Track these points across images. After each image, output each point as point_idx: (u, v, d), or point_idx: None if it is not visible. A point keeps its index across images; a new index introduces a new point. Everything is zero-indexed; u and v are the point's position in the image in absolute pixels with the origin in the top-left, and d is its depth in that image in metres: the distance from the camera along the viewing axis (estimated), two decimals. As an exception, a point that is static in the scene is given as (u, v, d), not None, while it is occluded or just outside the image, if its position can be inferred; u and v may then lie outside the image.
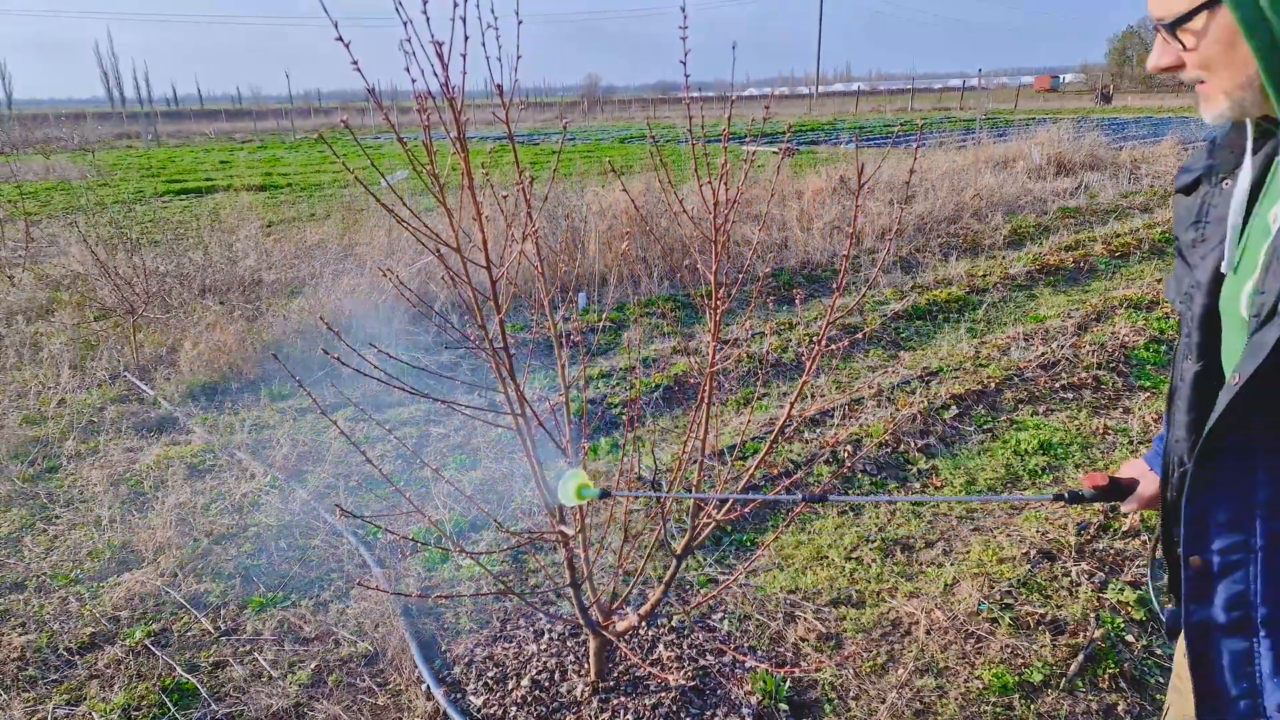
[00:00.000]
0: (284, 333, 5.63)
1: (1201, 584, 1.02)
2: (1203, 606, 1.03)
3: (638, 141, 25.35)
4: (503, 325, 1.89)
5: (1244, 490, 0.98)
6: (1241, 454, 0.97)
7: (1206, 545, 1.01)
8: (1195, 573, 1.02)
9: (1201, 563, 1.01)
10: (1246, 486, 0.97)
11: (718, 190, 1.89)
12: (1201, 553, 1.01)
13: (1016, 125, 20.12)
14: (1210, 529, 1.00)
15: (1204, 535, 1.01)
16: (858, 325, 5.94)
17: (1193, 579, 1.02)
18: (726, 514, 2.16)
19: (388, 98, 1.94)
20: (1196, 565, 1.02)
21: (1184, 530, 1.03)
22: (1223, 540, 1.00)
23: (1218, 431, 0.98)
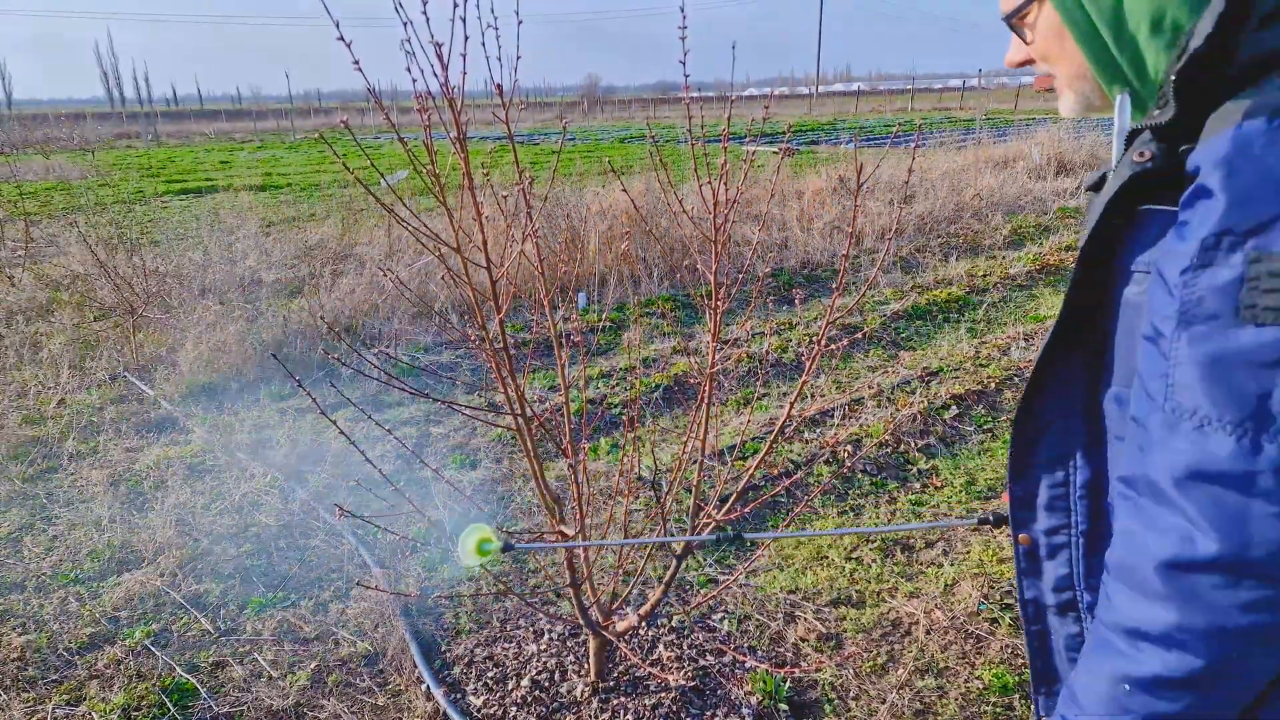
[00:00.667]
0: (284, 333, 5.63)
1: (1031, 563, 1.01)
2: (1033, 585, 1.02)
3: (638, 141, 25.35)
4: (503, 325, 1.89)
5: (1063, 467, 0.97)
6: (1063, 435, 0.96)
7: (1032, 523, 1.00)
8: (1025, 550, 1.01)
9: (1030, 541, 1.01)
10: (1064, 467, 0.96)
11: (718, 190, 1.89)
12: (1029, 530, 1.01)
13: (1017, 125, 20.12)
14: (1035, 507, 0.99)
15: (1029, 513, 1.00)
16: (858, 325, 5.94)
17: (1024, 556, 1.02)
18: (726, 514, 2.16)
19: (388, 98, 1.93)
20: (1025, 544, 1.01)
21: (1010, 506, 1.02)
22: (1047, 520, 0.99)
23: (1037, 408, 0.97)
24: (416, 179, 1.83)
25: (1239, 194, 0.69)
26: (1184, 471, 0.71)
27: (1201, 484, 0.70)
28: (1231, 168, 0.70)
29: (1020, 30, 0.96)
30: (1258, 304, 0.67)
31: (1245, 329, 0.68)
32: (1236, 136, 0.70)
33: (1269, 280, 0.66)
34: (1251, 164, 0.69)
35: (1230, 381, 0.69)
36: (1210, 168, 0.72)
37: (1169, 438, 0.73)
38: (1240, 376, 0.68)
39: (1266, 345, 0.67)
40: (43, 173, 17.54)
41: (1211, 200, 0.71)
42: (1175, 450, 0.72)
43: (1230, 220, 0.69)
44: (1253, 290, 0.67)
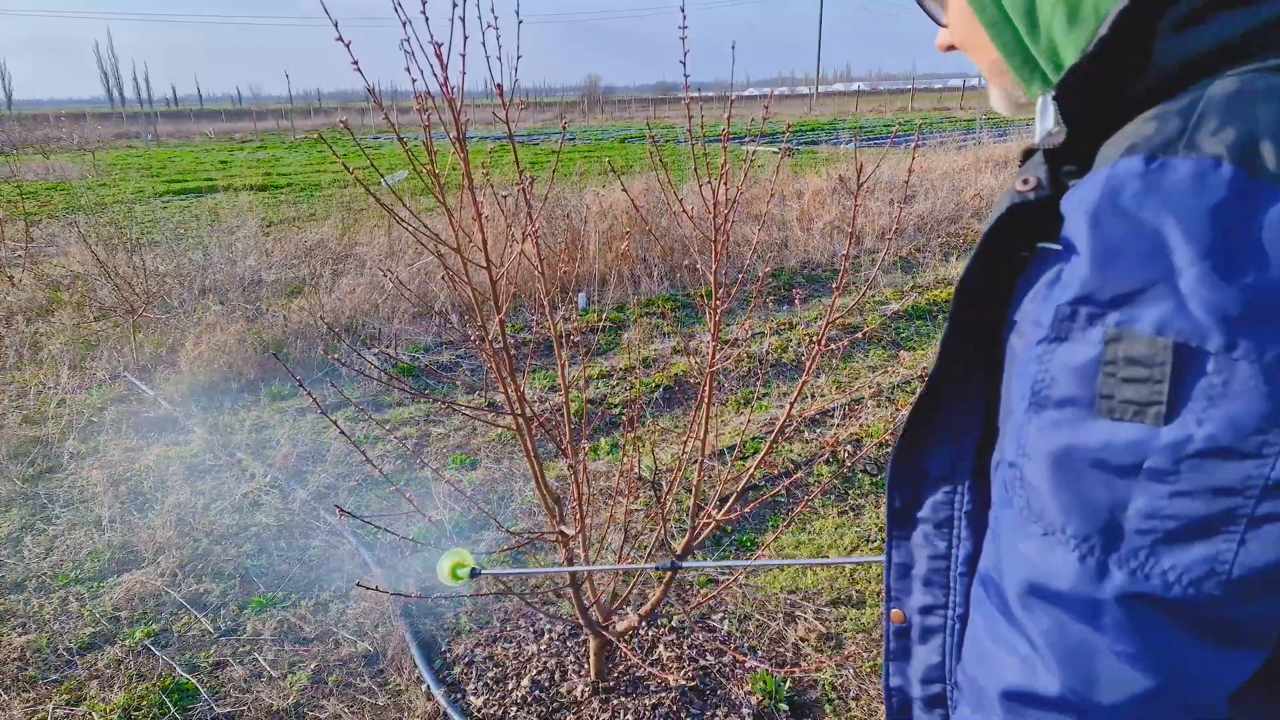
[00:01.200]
0: (284, 333, 5.63)
1: (901, 644, 0.85)
2: (900, 671, 0.86)
3: (638, 141, 25.34)
4: (503, 325, 1.89)
5: (945, 536, 0.80)
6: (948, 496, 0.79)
7: (906, 597, 0.84)
8: (896, 629, 0.85)
9: (903, 618, 0.84)
10: (945, 536, 0.80)
11: (718, 190, 1.89)
12: (903, 605, 0.84)
13: (1017, 125, 20.11)
14: (911, 578, 0.83)
15: (905, 584, 0.83)
16: (858, 325, 5.94)
17: (894, 635, 0.86)
18: (726, 514, 2.16)
19: (388, 98, 1.94)
20: (898, 621, 0.84)
21: (885, 572, 0.86)
22: (924, 597, 0.82)
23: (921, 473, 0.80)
24: (416, 179, 1.83)
25: (1102, 255, 0.54)
26: (1026, 585, 0.58)
27: (1044, 604, 0.57)
28: (1096, 220, 0.54)
29: (932, 11, 0.80)
30: (1115, 395, 0.53)
31: (1100, 423, 0.53)
32: (1108, 180, 0.55)
33: (1128, 367, 0.52)
34: (1119, 218, 0.53)
35: (1079, 486, 0.55)
36: (1076, 216, 0.57)
37: (1016, 539, 0.60)
38: (1091, 481, 0.54)
39: (1122, 447, 0.52)
40: (43, 173, 17.54)
41: (1074, 258, 0.56)
42: (1021, 557, 0.59)
43: (1090, 286, 0.54)
44: (1110, 377, 0.53)
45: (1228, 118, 0.53)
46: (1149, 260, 0.51)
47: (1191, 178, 0.51)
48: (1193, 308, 0.50)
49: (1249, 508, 0.49)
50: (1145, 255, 0.52)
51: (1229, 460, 0.49)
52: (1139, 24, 0.59)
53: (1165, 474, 0.51)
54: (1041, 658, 0.57)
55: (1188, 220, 0.50)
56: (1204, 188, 0.50)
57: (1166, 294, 0.50)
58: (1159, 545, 0.52)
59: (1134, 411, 0.52)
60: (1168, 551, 0.52)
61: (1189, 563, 0.51)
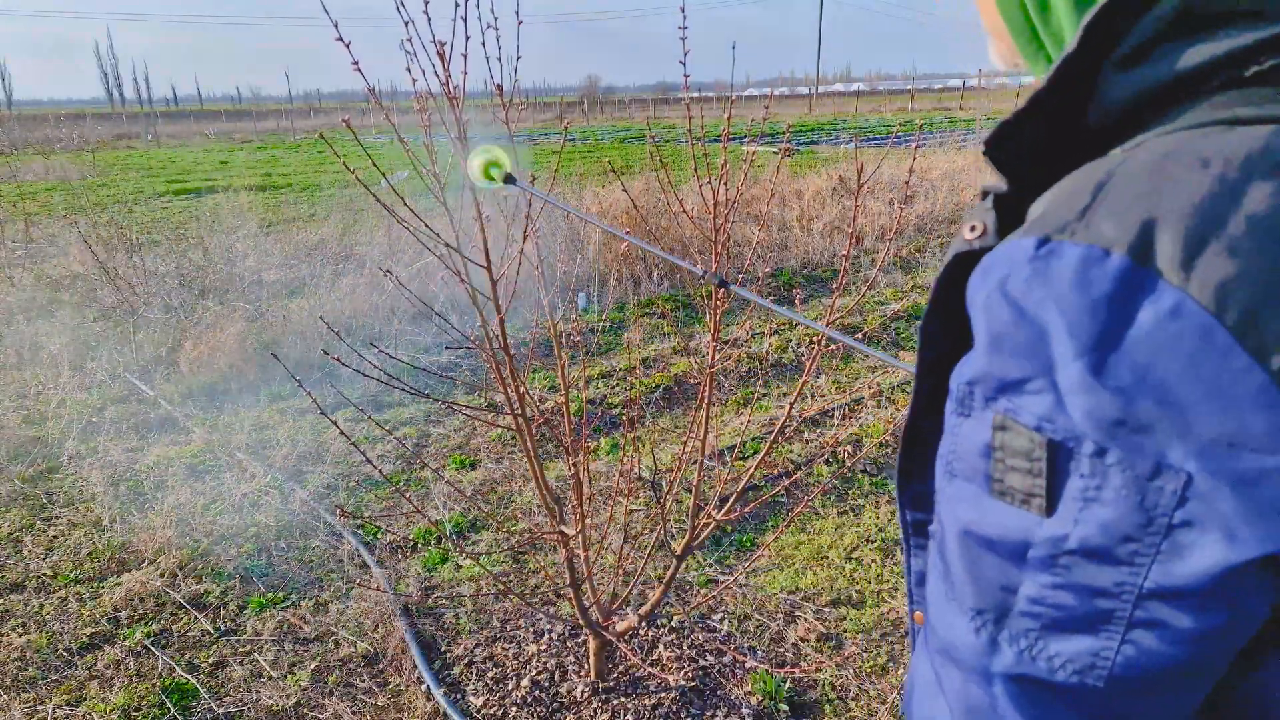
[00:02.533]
0: (284, 333, 5.63)
1: None
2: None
3: (638, 142, 25.35)
4: (502, 326, 1.89)
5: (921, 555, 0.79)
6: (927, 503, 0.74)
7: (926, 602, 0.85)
8: (920, 630, 0.85)
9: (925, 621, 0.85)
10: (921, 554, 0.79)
11: (718, 190, 1.90)
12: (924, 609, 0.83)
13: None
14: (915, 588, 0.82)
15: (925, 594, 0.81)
16: (858, 325, 5.94)
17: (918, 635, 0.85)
18: (726, 514, 2.16)
19: (388, 98, 1.94)
20: (921, 624, 0.83)
21: (907, 579, 0.85)
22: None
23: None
24: (416, 179, 1.83)
25: (991, 340, 0.51)
26: (940, 644, 0.59)
27: (952, 666, 0.57)
28: (988, 304, 0.52)
29: None
30: (1005, 480, 0.51)
31: (995, 504, 0.52)
32: (1002, 261, 0.52)
33: (1014, 456, 0.51)
34: (1007, 305, 0.50)
35: (976, 561, 0.54)
36: (974, 293, 0.54)
37: (936, 598, 0.60)
38: (986, 559, 0.54)
39: (1013, 530, 0.51)
40: (43, 173, 17.53)
41: (975, 332, 0.53)
42: (940, 617, 0.59)
43: (982, 369, 0.52)
44: (999, 463, 0.52)
45: (1137, 195, 0.48)
46: (1032, 352, 0.49)
47: (1078, 267, 0.47)
48: (1070, 408, 0.47)
49: (1126, 611, 0.48)
50: (1029, 347, 0.49)
51: (1104, 563, 0.48)
52: (1087, 65, 0.54)
53: (1048, 565, 0.50)
54: (953, 714, 0.58)
55: (1069, 315, 0.47)
56: (1089, 279, 0.47)
57: (1047, 389, 0.48)
58: (1046, 631, 0.51)
59: (1020, 499, 0.51)
60: (1054, 638, 0.51)
61: (1073, 653, 0.50)
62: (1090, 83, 0.55)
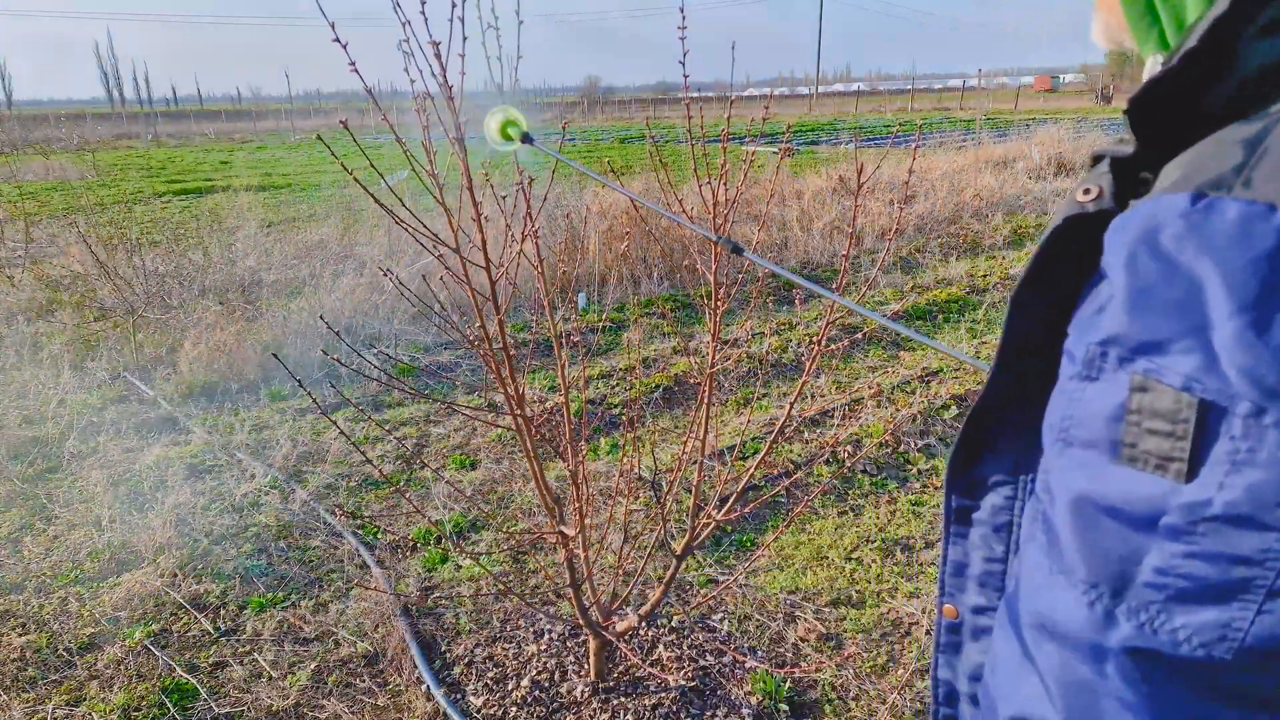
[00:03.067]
0: (284, 333, 5.63)
1: (952, 639, 0.85)
2: (949, 665, 0.85)
3: (638, 142, 25.34)
4: (502, 326, 1.89)
5: (1002, 541, 0.78)
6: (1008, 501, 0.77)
7: (961, 594, 0.82)
8: (948, 624, 0.84)
9: (955, 614, 0.83)
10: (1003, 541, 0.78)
11: (717, 190, 1.89)
12: (956, 602, 0.83)
13: (1016, 125, 20.12)
14: (966, 577, 0.82)
15: (961, 581, 0.82)
16: (858, 325, 5.94)
17: (945, 630, 0.85)
18: (726, 514, 2.16)
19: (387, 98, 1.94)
20: (950, 617, 0.84)
21: (941, 568, 0.85)
22: (978, 597, 0.80)
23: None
24: (416, 179, 1.83)
25: (1135, 297, 0.51)
26: (1038, 619, 0.58)
27: (1053, 641, 0.56)
28: (1133, 259, 0.51)
29: None
30: (1138, 444, 0.50)
31: (1121, 471, 0.51)
32: (1149, 216, 0.51)
33: (1152, 418, 0.49)
34: (1156, 260, 0.50)
35: (1094, 532, 0.53)
36: (1115, 250, 0.53)
37: (1035, 572, 0.59)
38: (1106, 529, 0.52)
39: (1141, 498, 0.50)
40: (43, 173, 17.53)
41: (1111, 295, 0.53)
42: (1037, 591, 0.58)
43: (1121, 328, 0.51)
44: (1134, 426, 0.50)
45: None
46: (1183, 310, 0.48)
47: (1239, 223, 0.47)
48: (1224, 366, 0.46)
49: (1268, 580, 0.46)
50: (1179, 304, 0.48)
51: (1249, 530, 0.46)
52: (1228, 32, 0.54)
53: (1182, 533, 0.49)
54: (1048, 692, 0.56)
55: (1229, 270, 0.46)
56: (1251, 235, 0.46)
57: (1197, 348, 0.47)
58: (1170, 603, 0.50)
59: (1155, 464, 0.49)
60: (1179, 610, 0.49)
61: (1200, 625, 0.49)
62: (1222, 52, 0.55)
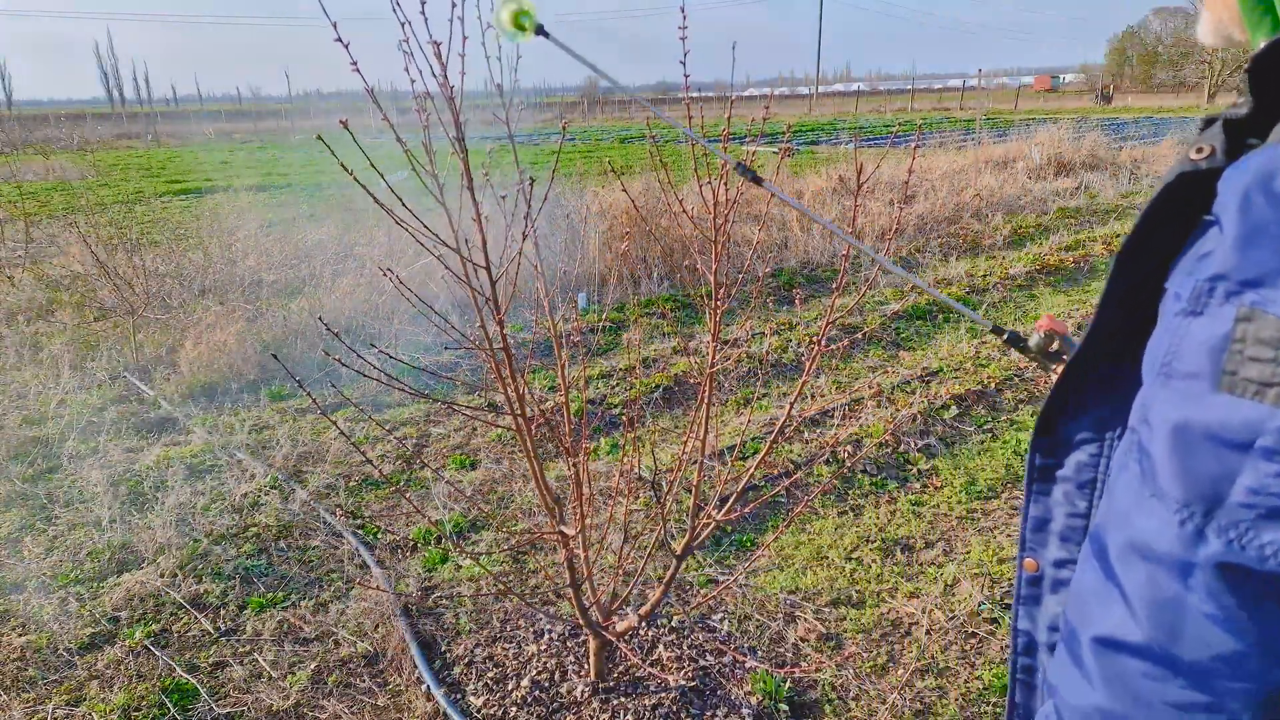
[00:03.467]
0: (284, 333, 5.63)
1: (1032, 591, 0.90)
2: (1029, 616, 0.91)
3: (638, 142, 25.35)
4: (502, 326, 1.89)
5: (1086, 497, 0.83)
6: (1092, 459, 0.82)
7: (1042, 549, 0.87)
8: (1029, 577, 0.90)
9: (1036, 568, 0.88)
10: (1086, 497, 0.83)
11: (718, 190, 1.89)
12: (1038, 556, 0.88)
13: (1016, 125, 20.11)
14: (1048, 532, 0.87)
15: (1042, 536, 0.87)
16: (858, 325, 5.94)
17: (1025, 582, 0.90)
18: (726, 514, 2.16)
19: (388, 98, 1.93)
20: (1031, 570, 0.89)
21: (1023, 524, 0.90)
22: (1059, 550, 0.86)
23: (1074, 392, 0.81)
24: (416, 179, 1.83)
25: (1247, 234, 0.56)
26: (1127, 542, 0.63)
27: (1141, 561, 0.61)
28: (1246, 199, 0.56)
29: None
30: (1238, 372, 0.55)
31: (1220, 398, 0.56)
32: (1265, 161, 0.56)
33: (1255, 346, 0.54)
34: (1269, 201, 0.55)
35: (1191, 455, 0.58)
36: (1228, 193, 0.59)
37: (1126, 500, 0.63)
38: (1203, 452, 0.57)
39: (1238, 423, 0.54)
40: (43, 173, 17.53)
41: (1221, 235, 0.59)
42: (1126, 516, 0.63)
43: (1231, 264, 0.57)
44: (1236, 355, 0.55)
45: None
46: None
47: None
48: None
49: None
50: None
51: None
52: None
53: (1276, 454, 0.53)
54: (1132, 610, 0.61)
55: None
56: None
57: None
58: (1260, 520, 0.54)
59: (1254, 390, 0.54)
60: (1268, 527, 0.54)
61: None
62: None
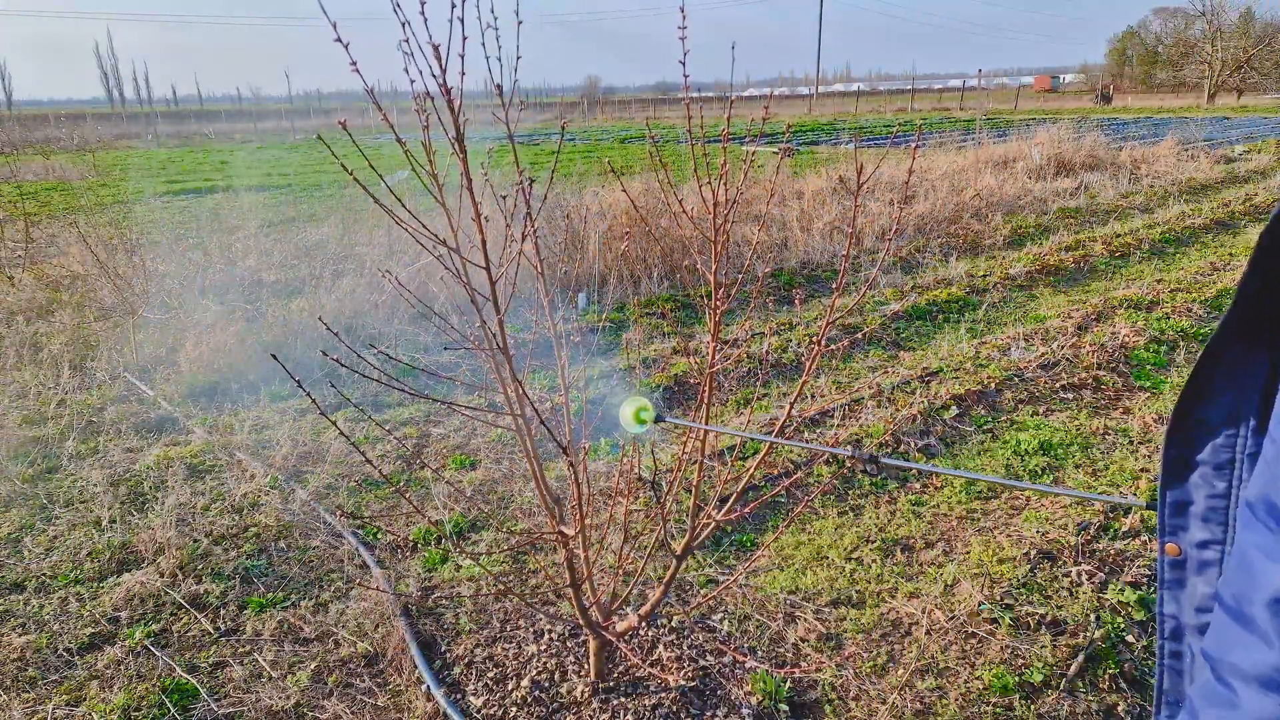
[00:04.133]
0: (284, 333, 5.63)
1: (1176, 575, 0.91)
2: (1174, 600, 0.92)
3: (637, 142, 25.35)
4: (502, 326, 1.89)
5: (1225, 477, 0.85)
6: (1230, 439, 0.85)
7: (1183, 532, 0.90)
8: (1171, 562, 0.91)
9: (1178, 552, 0.90)
10: (1226, 477, 0.85)
11: (717, 190, 1.89)
12: (1179, 540, 0.90)
13: (1016, 126, 20.11)
14: (1188, 515, 0.89)
15: (1182, 520, 0.90)
16: (858, 325, 5.94)
17: (1168, 567, 0.92)
18: (726, 514, 2.16)
19: (388, 98, 1.94)
20: (1173, 554, 0.91)
21: (1160, 511, 0.93)
22: (1201, 532, 0.88)
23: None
24: (416, 179, 1.84)
25: None
26: None
27: None
28: None
29: None
30: None
31: None
32: None
33: None
34: None
35: None
36: None
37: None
38: None
39: None
40: (43, 173, 17.53)
41: None
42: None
43: None
44: None
45: None
46: None
47: None
48: None
49: None
50: None
51: None
52: None
53: None
54: None
55: None
56: None
57: None
58: None
59: None
60: None
61: None
62: None
